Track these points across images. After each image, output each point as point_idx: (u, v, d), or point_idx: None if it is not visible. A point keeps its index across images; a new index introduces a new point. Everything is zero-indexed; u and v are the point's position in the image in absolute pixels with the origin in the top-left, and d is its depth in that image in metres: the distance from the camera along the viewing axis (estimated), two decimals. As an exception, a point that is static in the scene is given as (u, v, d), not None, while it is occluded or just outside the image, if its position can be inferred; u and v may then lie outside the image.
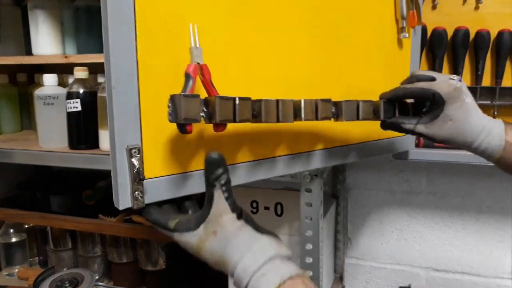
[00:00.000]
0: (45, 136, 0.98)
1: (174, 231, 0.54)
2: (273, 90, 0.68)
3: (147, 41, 0.54)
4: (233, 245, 0.51)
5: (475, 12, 1.06)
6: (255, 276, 0.49)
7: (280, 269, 0.49)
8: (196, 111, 0.50)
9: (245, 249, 0.50)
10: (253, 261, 0.49)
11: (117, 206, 0.54)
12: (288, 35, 0.68)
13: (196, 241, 0.52)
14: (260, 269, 0.49)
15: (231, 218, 0.52)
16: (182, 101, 0.49)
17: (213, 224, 0.52)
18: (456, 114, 0.64)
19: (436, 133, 0.66)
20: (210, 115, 0.53)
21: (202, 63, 0.54)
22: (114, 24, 0.51)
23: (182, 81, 0.53)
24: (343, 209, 1.32)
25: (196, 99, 0.51)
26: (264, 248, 0.51)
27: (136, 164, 0.53)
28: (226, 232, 0.51)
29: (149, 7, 0.54)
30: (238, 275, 0.50)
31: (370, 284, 1.34)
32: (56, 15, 1.02)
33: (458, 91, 0.64)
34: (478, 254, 1.22)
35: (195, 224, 0.53)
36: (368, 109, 0.69)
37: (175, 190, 0.58)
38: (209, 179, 0.52)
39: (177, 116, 0.50)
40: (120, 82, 0.52)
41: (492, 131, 0.65)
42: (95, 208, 1.33)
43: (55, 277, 1.11)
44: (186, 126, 0.52)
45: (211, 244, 0.52)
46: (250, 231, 0.52)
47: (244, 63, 0.64)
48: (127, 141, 0.53)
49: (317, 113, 0.63)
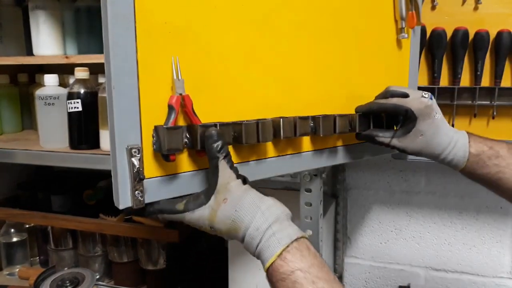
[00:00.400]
0: (46, 136, 0.99)
1: (184, 212, 0.56)
2: (273, 90, 0.68)
3: (147, 42, 0.54)
4: (243, 207, 0.54)
5: (474, 12, 1.07)
6: (266, 235, 0.52)
7: (288, 230, 0.53)
8: (178, 142, 0.55)
9: (255, 209, 0.53)
10: (264, 220, 0.53)
11: (117, 205, 0.54)
12: (287, 35, 0.68)
13: (208, 214, 0.55)
14: (271, 228, 0.53)
15: (238, 183, 0.55)
16: (165, 134, 0.53)
17: (223, 192, 0.54)
18: (427, 129, 0.70)
19: (407, 146, 0.71)
20: (193, 143, 0.57)
21: (184, 94, 0.56)
22: (114, 24, 0.51)
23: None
24: (343, 209, 1.32)
25: (178, 131, 0.55)
26: (272, 208, 0.54)
27: (136, 164, 0.53)
28: (235, 196, 0.54)
29: (149, 8, 0.54)
30: (250, 236, 0.53)
31: (369, 283, 1.34)
32: (57, 15, 1.02)
33: (429, 108, 0.70)
34: (477, 254, 1.23)
35: (205, 197, 0.56)
36: (344, 123, 0.72)
37: (175, 189, 0.59)
38: (211, 151, 0.55)
39: (161, 147, 0.54)
40: (120, 82, 0.52)
41: (457, 143, 0.71)
42: (96, 207, 1.33)
43: (56, 277, 1.11)
44: (169, 156, 0.56)
45: (223, 212, 0.54)
46: (256, 193, 0.55)
47: (246, 63, 0.64)
48: (127, 141, 0.54)
49: (295, 130, 0.67)
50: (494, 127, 1.09)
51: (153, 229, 1.19)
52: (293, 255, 0.51)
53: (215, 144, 0.55)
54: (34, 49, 1.03)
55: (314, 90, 0.73)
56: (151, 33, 0.54)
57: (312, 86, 0.73)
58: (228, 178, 0.55)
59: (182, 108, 0.57)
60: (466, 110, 1.10)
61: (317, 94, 0.74)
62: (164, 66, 0.56)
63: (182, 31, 0.57)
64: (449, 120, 1.11)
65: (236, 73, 0.64)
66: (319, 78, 0.74)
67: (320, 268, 0.52)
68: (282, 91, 0.69)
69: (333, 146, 0.78)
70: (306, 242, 0.54)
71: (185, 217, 0.56)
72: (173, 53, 0.56)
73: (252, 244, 0.53)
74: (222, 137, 0.56)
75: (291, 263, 0.51)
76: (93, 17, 1.03)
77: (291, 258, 0.51)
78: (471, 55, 1.08)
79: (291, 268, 0.51)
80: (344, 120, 0.72)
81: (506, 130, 1.08)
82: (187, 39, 0.58)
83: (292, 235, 0.53)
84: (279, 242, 0.52)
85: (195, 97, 0.58)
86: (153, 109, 0.55)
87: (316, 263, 0.52)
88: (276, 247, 0.52)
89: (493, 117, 1.08)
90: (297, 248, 0.52)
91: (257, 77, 0.66)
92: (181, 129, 0.56)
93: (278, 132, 0.65)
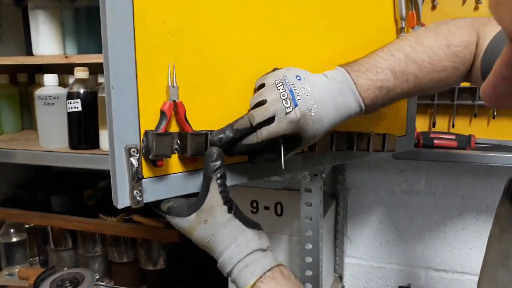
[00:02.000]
0: (46, 136, 0.99)
1: (166, 214, 0.58)
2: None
3: (145, 42, 0.54)
4: (221, 235, 0.55)
5: (474, 12, 1.06)
6: (237, 267, 0.54)
7: (261, 261, 0.55)
8: (166, 148, 0.55)
9: (231, 240, 0.55)
10: (238, 252, 0.54)
11: (116, 205, 0.54)
12: (287, 36, 0.68)
13: (187, 226, 0.56)
14: (244, 260, 0.54)
15: (223, 210, 0.56)
16: (154, 139, 0.53)
17: (206, 213, 0.55)
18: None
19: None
20: (183, 149, 0.57)
21: (178, 101, 0.56)
22: (112, 24, 0.51)
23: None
24: (343, 209, 1.32)
25: (167, 137, 0.55)
26: (249, 241, 0.55)
27: (135, 163, 0.53)
28: (217, 222, 0.55)
29: (147, 8, 0.54)
30: (222, 263, 0.55)
31: (369, 283, 1.34)
32: (56, 15, 1.02)
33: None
34: (478, 254, 1.22)
35: (187, 211, 0.56)
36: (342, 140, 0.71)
37: (173, 189, 0.59)
38: (207, 169, 0.56)
39: (149, 152, 0.54)
40: (119, 82, 0.52)
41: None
42: (95, 208, 1.33)
43: (55, 277, 1.11)
44: (157, 161, 0.56)
45: (202, 231, 0.56)
46: (238, 224, 0.56)
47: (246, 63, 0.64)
48: (126, 141, 0.54)
49: None
50: (494, 127, 1.09)
51: (153, 229, 1.19)
52: (267, 284, 0.53)
53: (212, 163, 0.55)
54: (34, 49, 1.03)
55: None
56: (150, 33, 0.54)
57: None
58: (215, 203, 0.55)
59: (175, 115, 0.57)
60: (466, 110, 1.10)
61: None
62: (162, 66, 0.56)
63: (180, 31, 0.57)
64: (450, 120, 1.11)
65: (236, 74, 0.63)
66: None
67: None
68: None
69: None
70: (280, 268, 0.55)
71: (167, 218, 0.58)
72: (172, 53, 0.56)
73: (224, 270, 0.56)
74: (221, 158, 0.56)
75: None
76: (93, 17, 1.03)
77: (265, 287, 0.53)
78: (471, 55, 1.08)
79: None
80: (341, 136, 0.71)
81: (506, 130, 1.08)
82: (185, 39, 0.57)
83: (265, 266, 0.54)
84: (251, 274, 0.53)
85: (193, 98, 0.58)
86: (152, 109, 0.55)
87: (291, 286, 0.54)
88: (249, 279, 0.53)
89: (494, 117, 1.08)
90: (270, 277, 0.54)
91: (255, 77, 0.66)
92: (171, 135, 0.56)
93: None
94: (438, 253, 1.26)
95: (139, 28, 0.53)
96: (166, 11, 0.56)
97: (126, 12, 0.52)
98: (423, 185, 1.24)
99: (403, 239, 1.29)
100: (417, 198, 1.25)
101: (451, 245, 1.24)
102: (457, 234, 1.23)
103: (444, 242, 1.25)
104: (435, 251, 1.26)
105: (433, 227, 1.25)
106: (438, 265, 1.26)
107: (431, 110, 1.11)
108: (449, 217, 1.23)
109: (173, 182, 0.59)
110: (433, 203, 1.24)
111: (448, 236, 1.24)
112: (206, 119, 0.61)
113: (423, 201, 1.25)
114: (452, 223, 1.23)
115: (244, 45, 0.64)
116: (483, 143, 1.09)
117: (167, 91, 0.56)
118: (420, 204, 1.25)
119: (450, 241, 1.24)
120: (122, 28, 0.52)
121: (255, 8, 0.64)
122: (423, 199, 1.25)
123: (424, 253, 1.27)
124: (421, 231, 1.26)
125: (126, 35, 0.52)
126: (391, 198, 1.27)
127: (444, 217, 1.24)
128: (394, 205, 1.28)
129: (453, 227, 1.23)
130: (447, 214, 1.23)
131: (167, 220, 0.59)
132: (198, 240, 0.57)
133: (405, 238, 1.28)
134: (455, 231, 1.24)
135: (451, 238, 1.24)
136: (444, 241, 1.25)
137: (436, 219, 1.24)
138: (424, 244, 1.27)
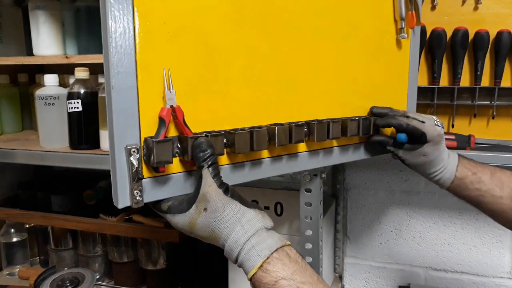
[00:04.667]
0: (46, 136, 0.99)
1: (166, 213, 0.58)
2: (272, 90, 0.68)
3: (145, 42, 0.54)
4: (222, 219, 0.54)
5: (474, 12, 1.07)
6: (245, 248, 0.54)
7: (267, 241, 0.54)
8: (168, 154, 0.55)
9: (235, 222, 0.54)
10: (243, 233, 0.54)
11: (116, 204, 0.55)
12: (287, 36, 0.69)
13: (188, 221, 0.56)
14: (250, 241, 0.54)
15: (219, 193, 0.55)
16: (155, 147, 0.53)
17: (203, 201, 0.55)
18: (431, 153, 0.78)
19: (408, 159, 0.81)
20: (183, 153, 0.57)
21: (175, 105, 0.56)
22: (112, 24, 0.51)
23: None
24: (343, 209, 1.32)
25: (168, 143, 0.55)
26: (252, 220, 0.55)
27: (135, 163, 0.53)
28: (215, 206, 0.54)
29: (148, 8, 0.54)
30: (229, 247, 0.55)
31: (369, 283, 1.34)
32: (57, 15, 1.02)
33: (440, 137, 0.79)
34: (477, 254, 1.23)
35: (187, 205, 0.56)
36: (337, 128, 0.74)
37: (173, 189, 0.59)
38: (197, 160, 0.56)
39: (150, 159, 0.54)
40: (119, 82, 0.52)
41: (448, 167, 0.80)
42: (96, 207, 1.34)
43: (56, 277, 1.11)
44: (159, 168, 0.56)
45: (202, 220, 0.55)
46: (237, 205, 0.55)
47: (246, 64, 0.64)
48: (126, 141, 0.54)
49: (291, 138, 0.68)
50: (494, 127, 1.09)
51: (153, 229, 1.19)
52: (274, 265, 0.53)
53: (201, 153, 0.55)
54: (34, 49, 1.03)
55: (313, 92, 0.73)
56: (150, 34, 0.55)
57: (310, 88, 0.73)
58: (209, 187, 0.55)
59: (174, 120, 0.57)
60: (466, 110, 1.11)
61: (315, 95, 0.74)
62: (162, 66, 0.56)
63: (180, 32, 0.57)
64: (449, 120, 1.12)
65: (235, 74, 0.64)
66: (318, 80, 0.74)
67: (303, 272, 0.53)
68: (279, 93, 0.69)
69: (330, 146, 0.78)
70: (286, 250, 0.55)
71: (167, 217, 0.58)
72: (171, 53, 0.57)
73: (231, 255, 0.55)
74: (210, 147, 0.56)
75: (273, 273, 0.52)
76: (93, 17, 1.03)
77: (272, 268, 0.52)
78: (471, 55, 1.08)
79: (274, 278, 0.52)
80: (336, 126, 0.74)
81: (506, 130, 1.08)
82: (185, 40, 0.58)
83: (272, 246, 0.54)
84: (258, 255, 0.53)
85: (194, 98, 0.58)
86: (152, 109, 0.56)
87: (299, 268, 0.53)
88: (256, 260, 0.53)
89: (493, 117, 1.08)
90: (277, 258, 0.53)
91: (255, 77, 0.66)
92: (171, 141, 0.55)
93: (273, 141, 0.65)
94: (438, 253, 1.26)
95: (140, 29, 0.53)
96: (167, 11, 0.56)
97: (127, 12, 0.52)
98: (422, 184, 1.24)
99: (403, 239, 1.29)
100: (416, 198, 1.25)
101: (451, 245, 1.24)
102: (457, 234, 1.24)
103: (444, 242, 1.25)
104: (435, 251, 1.26)
105: (433, 227, 1.25)
106: (438, 265, 1.27)
107: (430, 110, 1.11)
108: (449, 217, 1.23)
109: (173, 182, 0.59)
110: (433, 203, 1.24)
111: (447, 235, 1.24)
112: (207, 119, 0.61)
113: (422, 201, 1.25)
114: (452, 223, 1.23)
115: (244, 46, 0.64)
116: (482, 143, 1.09)
117: (164, 96, 0.56)
118: (419, 204, 1.25)
119: (450, 241, 1.24)
120: (122, 29, 0.52)
121: (256, 10, 0.64)
122: (422, 198, 1.25)
123: (424, 253, 1.27)
124: (421, 231, 1.27)
125: (126, 36, 0.52)
126: (391, 198, 1.27)
127: (443, 216, 1.24)
128: (394, 205, 1.28)
129: (452, 227, 1.24)
130: (447, 214, 1.23)
131: (167, 220, 0.59)
132: (201, 232, 0.56)
133: (405, 238, 1.28)
134: (455, 231, 1.24)
135: (451, 238, 1.24)
136: (444, 241, 1.25)
137: (436, 219, 1.25)
138: (424, 244, 1.27)
